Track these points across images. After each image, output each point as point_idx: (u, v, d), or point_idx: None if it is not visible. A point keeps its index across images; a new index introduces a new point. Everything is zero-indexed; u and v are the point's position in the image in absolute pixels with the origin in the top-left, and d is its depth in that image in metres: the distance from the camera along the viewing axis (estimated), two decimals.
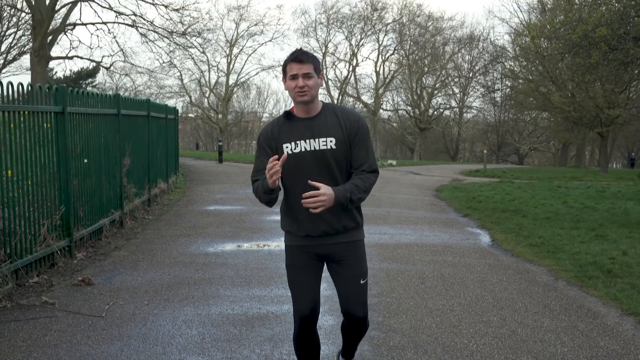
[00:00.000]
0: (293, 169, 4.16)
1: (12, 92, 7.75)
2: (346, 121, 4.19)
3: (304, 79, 4.07)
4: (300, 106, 4.17)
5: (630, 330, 6.49)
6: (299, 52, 4.14)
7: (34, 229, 8.22)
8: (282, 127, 4.22)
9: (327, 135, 4.15)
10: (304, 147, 4.15)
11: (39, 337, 5.94)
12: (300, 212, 4.19)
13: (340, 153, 4.16)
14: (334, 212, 4.15)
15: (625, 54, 14.09)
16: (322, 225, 4.19)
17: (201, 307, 6.95)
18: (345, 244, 4.28)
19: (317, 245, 4.26)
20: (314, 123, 4.17)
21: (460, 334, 6.19)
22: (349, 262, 4.29)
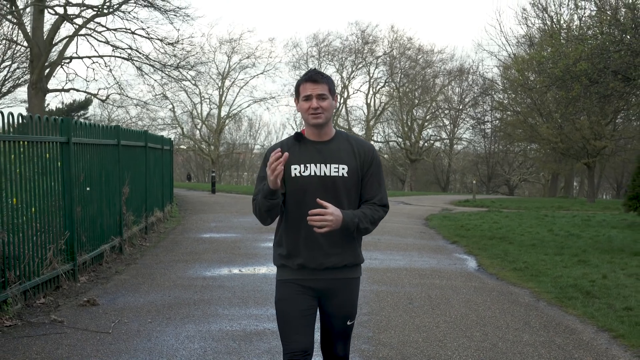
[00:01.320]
0: (298, 193, 3.93)
1: (20, 123, 8.22)
2: (360, 151, 4.02)
3: (318, 100, 3.91)
4: (312, 129, 3.98)
5: (604, 344, 6.94)
6: (313, 71, 3.98)
7: (40, 253, 8.64)
8: (291, 148, 3.98)
9: (340, 162, 3.95)
10: (313, 171, 3.93)
11: (51, 350, 6.36)
12: (300, 240, 3.95)
13: (351, 182, 3.97)
14: (335, 244, 3.94)
15: (605, 87, 14.69)
16: (320, 257, 3.95)
17: (202, 324, 7.37)
18: (342, 281, 4.03)
19: (312, 279, 3.99)
20: (326, 148, 3.98)
21: (445, 347, 6.64)
22: (341, 300, 4.05)
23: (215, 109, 60.69)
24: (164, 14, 25.56)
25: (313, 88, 3.92)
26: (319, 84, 3.92)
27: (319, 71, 3.98)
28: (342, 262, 3.98)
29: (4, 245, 7.57)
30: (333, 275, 4.00)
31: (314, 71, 3.99)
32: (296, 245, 3.97)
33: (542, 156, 48.90)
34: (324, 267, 3.96)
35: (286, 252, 4.00)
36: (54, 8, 25.04)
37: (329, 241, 3.92)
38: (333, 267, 3.97)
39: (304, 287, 3.99)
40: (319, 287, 4.01)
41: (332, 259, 3.96)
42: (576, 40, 15.46)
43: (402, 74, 61.97)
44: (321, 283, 4.00)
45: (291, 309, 3.95)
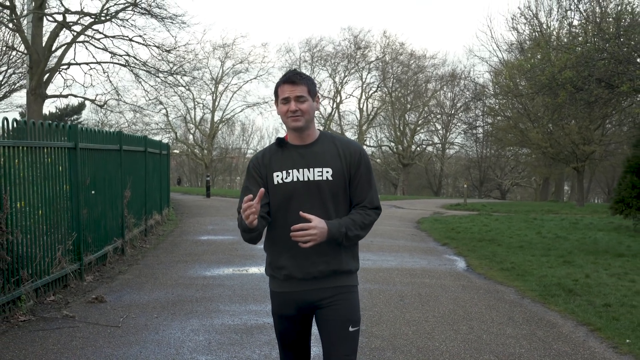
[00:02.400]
0: (283, 200, 3.77)
1: (31, 129, 8.68)
2: (346, 152, 3.84)
3: (297, 103, 3.74)
4: (293, 132, 3.81)
5: (582, 337, 7.44)
6: (291, 72, 3.81)
7: (50, 253, 9.10)
8: (274, 155, 3.85)
9: (323, 165, 3.78)
10: (296, 176, 3.77)
11: (67, 342, 6.83)
12: (284, 249, 3.79)
13: (337, 185, 3.79)
14: (322, 252, 3.74)
15: (590, 94, 15.24)
16: (306, 265, 3.76)
17: (205, 319, 7.84)
18: (334, 288, 3.80)
19: (301, 292, 3.80)
20: (309, 152, 3.81)
21: (432, 338, 7.13)
22: (337, 306, 3.79)
23: (209, 114, 61.10)
24: (161, 21, 26.06)
25: (291, 90, 3.75)
26: (298, 85, 3.75)
27: (297, 72, 3.81)
28: (329, 268, 3.76)
29: (18, 245, 8.02)
30: (323, 284, 3.78)
31: (292, 72, 3.82)
32: (281, 255, 3.80)
33: (533, 160, 49.46)
34: (311, 277, 3.76)
35: (272, 262, 3.86)
36: (53, 15, 25.50)
37: (314, 249, 3.69)
38: (321, 275, 3.76)
39: (296, 302, 3.82)
40: (310, 300, 3.80)
41: (319, 267, 3.75)
42: (562, 48, 16.00)
43: (394, 79, 62.43)
44: (312, 295, 3.79)
45: (285, 328, 3.90)
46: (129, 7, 25.95)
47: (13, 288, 7.89)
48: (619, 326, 7.83)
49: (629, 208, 19.82)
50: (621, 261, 13.38)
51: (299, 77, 3.77)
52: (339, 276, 3.81)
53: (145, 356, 6.38)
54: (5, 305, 7.71)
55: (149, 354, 6.43)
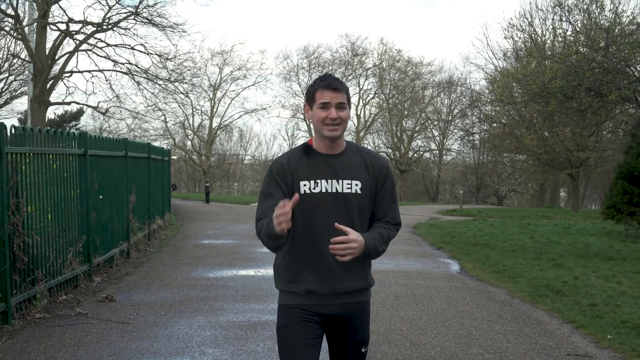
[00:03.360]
0: (308, 211, 3.57)
1: (44, 137, 9.14)
2: (374, 165, 3.71)
3: (338, 110, 3.55)
4: (324, 141, 3.62)
5: (567, 333, 7.90)
6: (332, 78, 3.61)
7: (62, 255, 9.55)
8: (299, 162, 3.64)
9: (353, 177, 3.64)
10: (324, 187, 3.59)
11: (82, 336, 7.28)
12: (307, 264, 3.62)
13: (365, 199, 3.66)
14: (347, 267, 3.60)
15: (580, 103, 15.75)
16: (332, 282, 3.61)
17: (211, 316, 8.30)
18: (352, 305, 3.68)
19: (321, 305, 3.63)
20: (338, 162, 3.65)
21: (425, 334, 7.59)
22: (353, 326, 3.71)
23: (207, 120, 61.50)
24: (162, 30, 26.57)
25: (333, 96, 3.55)
26: (339, 92, 3.56)
27: (337, 78, 3.63)
28: (355, 286, 3.66)
29: (34, 247, 8.47)
30: (344, 300, 3.65)
31: (332, 77, 3.61)
32: (304, 270, 3.63)
33: (529, 167, 49.93)
34: (335, 293, 3.62)
35: (292, 276, 3.66)
36: (56, 24, 25.98)
37: (341, 264, 3.56)
38: (345, 292, 3.63)
39: (311, 314, 3.63)
40: (328, 313, 3.65)
41: (345, 284, 3.62)
42: (554, 58, 16.51)
43: (391, 85, 62.88)
44: (331, 309, 3.64)
45: (295, 338, 3.59)
46: (131, 16, 26.45)
47: (29, 287, 8.35)
48: (602, 323, 8.30)
49: (621, 213, 20.29)
50: (610, 264, 13.83)
51: (340, 84, 3.59)
52: (360, 292, 3.71)
53: (157, 349, 6.83)
54: (22, 303, 8.16)
55: (160, 347, 6.89)
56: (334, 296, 3.62)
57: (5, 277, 7.65)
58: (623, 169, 20.45)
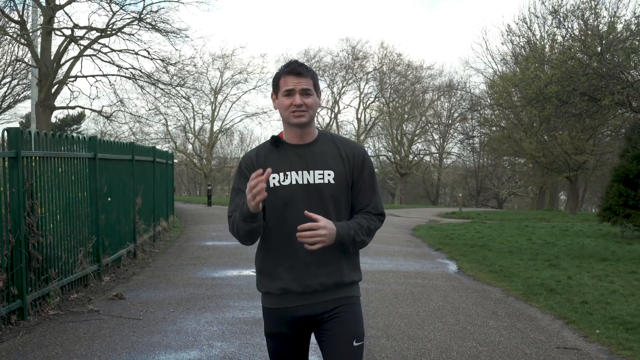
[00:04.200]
0: (278, 205, 3.44)
1: (57, 141, 9.52)
2: (349, 153, 3.54)
3: (302, 96, 3.43)
4: (293, 129, 3.50)
5: (557, 328, 8.27)
6: (295, 63, 3.50)
7: (74, 254, 9.93)
8: (268, 155, 3.53)
9: (325, 167, 3.47)
10: (294, 179, 3.45)
11: (95, 331, 7.66)
12: (280, 260, 3.48)
13: (339, 190, 3.49)
14: (323, 262, 3.45)
15: (575, 107, 16.16)
16: (306, 277, 3.45)
17: (217, 313, 8.67)
18: (336, 301, 3.50)
19: (299, 307, 3.48)
20: (309, 151, 3.51)
21: (422, 329, 7.97)
22: (340, 319, 3.49)
23: (208, 124, 61.85)
24: (165, 35, 26.99)
25: (296, 82, 3.43)
26: (303, 78, 3.44)
27: (302, 63, 3.49)
28: (330, 280, 3.47)
29: (47, 247, 8.85)
30: (323, 297, 3.48)
31: (297, 63, 3.50)
32: (277, 266, 3.49)
33: (528, 170, 50.29)
34: (311, 290, 3.46)
35: (267, 275, 3.53)
36: (61, 30, 26.38)
37: (315, 259, 3.43)
38: (322, 288, 3.46)
39: (293, 319, 3.51)
40: (309, 314, 3.50)
41: (320, 279, 3.45)
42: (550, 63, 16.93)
43: (391, 89, 63.17)
44: (311, 309, 3.49)
45: (282, 348, 3.57)
46: (134, 22, 26.86)
47: (43, 285, 8.72)
48: (591, 319, 8.66)
49: (616, 216, 20.69)
50: (604, 265, 14.19)
51: (305, 69, 3.47)
52: (341, 288, 3.51)
53: (167, 343, 7.20)
54: (37, 300, 8.53)
55: (170, 341, 7.26)
56: (310, 294, 3.46)
57: (22, 276, 8.01)
58: (619, 172, 20.84)
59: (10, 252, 7.87)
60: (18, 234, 7.99)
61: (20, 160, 8.07)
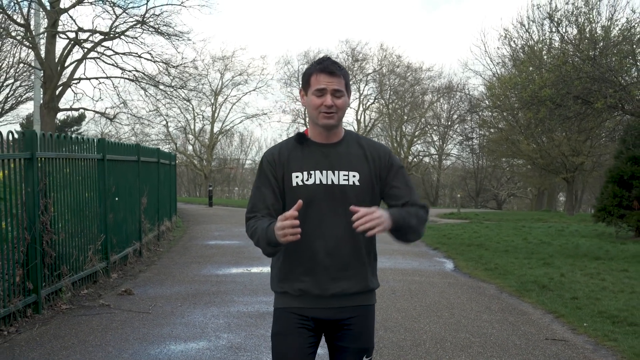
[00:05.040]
0: (303, 204, 3.19)
1: (68, 142, 9.92)
2: (374, 154, 3.43)
3: (334, 97, 3.29)
4: (320, 129, 3.36)
5: (548, 322, 8.67)
6: (329, 61, 3.33)
7: (84, 252, 10.33)
8: (292, 152, 3.39)
9: (350, 168, 3.35)
10: (318, 178, 3.32)
11: (107, 323, 8.06)
12: (299, 262, 3.35)
13: (364, 192, 3.36)
14: (344, 266, 3.33)
15: (568, 110, 16.59)
16: (326, 281, 3.32)
17: (222, 307, 9.07)
18: (353, 309, 3.39)
19: (316, 309, 3.35)
20: (334, 151, 3.37)
21: (418, 321, 8.37)
22: (354, 332, 3.40)
23: (208, 125, 62.22)
24: (168, 39, 27.40)
25: (329, 81, 3.28)
26: (336, 77, 3.29)
27: (335, 61, 3.34)
28: (351, 288, 3.36)
29: (60, 244, 9.25)
30: (341, 303, 3.36)
31: (330, 60, 3.34)
32: (296, 268, 3.36)
33: (526, 171, 50.67)
34: (330, 294, 3.32)
35: (284, 276, 3.40)
36: (66, 33, 26.81)
37: (336, 263, 3.32)
38: (341, 294, 3.33)
39: (305, 319, 3.37)
40: (323, 318, 3.38)
41: (340, 284, 3.32)
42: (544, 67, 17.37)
43: (391, 90, 63.45)
44: (327, 313, 3.37)
45: (289, 348, 3.35)
46: (137, 25, 27.28)
47: (56, 280, 9.13)
48: (580, 314, 9.06)
49: (611, 216, 21.07)
50: (597, 263, 14.58)
51: (338, 68, 3.31)
52: (360, 296, 3.42)
53: (176, 334, 7.60)
54: (50, 295, 8.94)
55: (179, 333, 7.66)
56: (328, 298, 3.33)
57: (37, 271, 8.41)
58: (613, 173, 21.22)
59: (26, 248, 8.27)
60: (33, 231, 8.39)
61: (35, 161, 8.47)
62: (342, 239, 3.34)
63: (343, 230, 3.31)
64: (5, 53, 39.22)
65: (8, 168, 7.92)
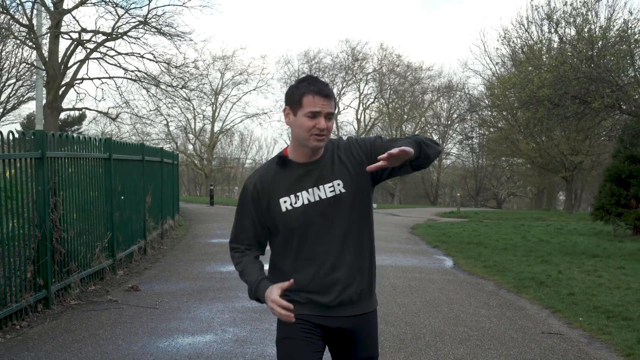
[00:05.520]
0: (296, 227, 3.33)
1: (77, 142, 10.16)
2: (348, 153, 3.39)
3: (327, 120, 3.23)
4: (305, 150, 3.32)
5: (544, 316, 8.91)
6: (321, 83, 3.28)
7: (91, 249, 10.57)
8: (275, 177, 3.37)
9: (333, 178, 3.33)
10: (306, 198, 3.32)
11: (116, 318, 8.30)
12: (304, 276, 3.35)
13: (353, 194, 3.36)
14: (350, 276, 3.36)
15: (566, 110, 16.86)
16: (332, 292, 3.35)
17: (228, 302, 9.31)
18: (358, 318, 3.41)
19: (323, 317, 3.37)
20: (317, 168, 3.34)
21: (418, 316, 8.61)
22: (361, 341, 3.44)
23: (209, 125, 62.40)
24: (170, 39, 27.66)
25: (324, 104, 3.23)
26: (330, 100, 3.24)
27: (326, 83, 3.31)
28: (357, 295, 3.40)
29: (68, 241, 9.49)
30: (348, 312, 3.38)
31: (323, 83, 3.29)
32: (302, 282, 3.37)
33: (526, 170, 50.90)
34: (338, 302, 3.35)
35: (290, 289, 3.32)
36: (69, 34, 27.06)
37: (341, 274, 3.35)
38: (349, 300, 3.37)
39: (312, 326, 3.36)
40: (331, 326, 3.39)
41: (348, 291, 3.36)
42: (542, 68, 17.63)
43: (391, 90, 63.66)
44: (334, 322, 3.38)
45: (297, 352, 3.33)
46: (140, 25, 27.52)
47: (65, 277, 9.37)
48: (576, 309, 9.30)
49: (609, 214, 21.32)
50: (594, 261, 14.81)
51: (331, 90, 3.28)
52: (365, 301, 3.46)
53: (184, 328, 7.84)
54: (60, 291, 9.18)
55: (187, 327, 7.90)
56: (335, 307, 3.35)
57: (47, 267, 8.65)
58: (611, 171, 21.47)
59: (36, 245, 8.52)
60: (44, 228, 8.63)
61: (45, 160, 8.70)
62: (343, 252, 3.36)
63: (343, 241, 3.35)
64: (8, 53, 39.51)
65: (20, 167, 8.15)
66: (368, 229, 3.48)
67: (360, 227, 3.40)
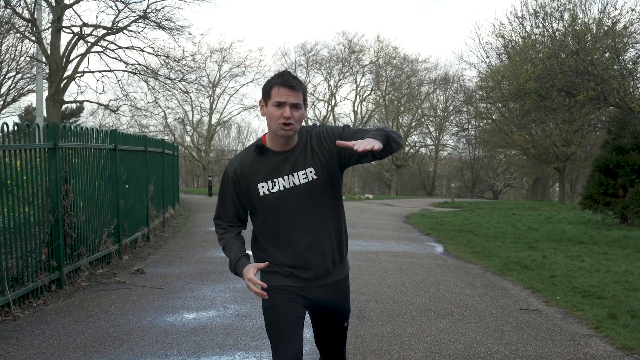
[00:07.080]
0: (273, 209, 3.67)
1: (85, 134, 10.75)
2: (317, 141, 3.70)
3: (292, 110, 3.51)
4: (279, 139, 3.61)
5: (525, 296, 9.54)
6: (289, 75, 3.56)
7: (99, 235, 11.18)
8: (254, 164, 3.69)
9: (305, 166, 3.65)
10: (282, 185, 3.64)
11: (125, 297, 8.93)
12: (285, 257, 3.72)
13: (325, 181, 3.69)
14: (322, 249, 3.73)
15: (552, 102, 17.49)
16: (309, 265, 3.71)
17: (228, 284, 9.93)
18: (332, 285, 3.82)
19: (304, 288, 3.74)
20: (292, 157, 3.65)
21: (406, 295, 9.24)
22: (334, 305, 3.87)
23: (206, 117, 62.90)
24: (169, 33, 28.21)
25: (288, 95, 3.52)
26: (296, 91, 3.53)
27: (295, 76, 3.57)
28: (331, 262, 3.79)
29: (79, 226, 10.11)
30: (324, 281, 3.79)
31: (290, 75, 3.56)
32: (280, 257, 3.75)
33: (523, 161, 51.47)
34: (316, 277, 3.74)
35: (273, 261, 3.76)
36: (70, 28, 27.62)
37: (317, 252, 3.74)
38: (325, 272, 3.77)
39: (295, 295, 3.73)
40: (311, 297, 3.78)
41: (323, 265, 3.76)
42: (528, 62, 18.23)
43: (388, 82, 64.05)
44: (315, 293, 3.79)
45: (282, 318, 3.69)
46: (139, 19, 28.07)
47: (76, 259, 9.99)
48: (555, 289, 9.93)
49: (597, 203, 22.00)
50: (579, 247, 15.44)
51: (297, 82, 3.55)
52: (337, 270, 3.83)
53: (189, 305, 8.47)
54: (71, 273, 9.80)
55: (191, 304, 8.53)
56: (314, 279, 3.74)
57: (59, 250, 9.26)
58: (599, 162, 22.12)
59: (50, 230, 9.12)
60: (56, 214, 9.23)
61: (57, 150, 9.30)
62: (317, 231, 3.72)
63: (316, 222, 3.70)
64: (9, 47, 40.02)
65: (34, 156, 8.75)
66: (338, 209, 3.82)
67: (330, 208, 3.74)
